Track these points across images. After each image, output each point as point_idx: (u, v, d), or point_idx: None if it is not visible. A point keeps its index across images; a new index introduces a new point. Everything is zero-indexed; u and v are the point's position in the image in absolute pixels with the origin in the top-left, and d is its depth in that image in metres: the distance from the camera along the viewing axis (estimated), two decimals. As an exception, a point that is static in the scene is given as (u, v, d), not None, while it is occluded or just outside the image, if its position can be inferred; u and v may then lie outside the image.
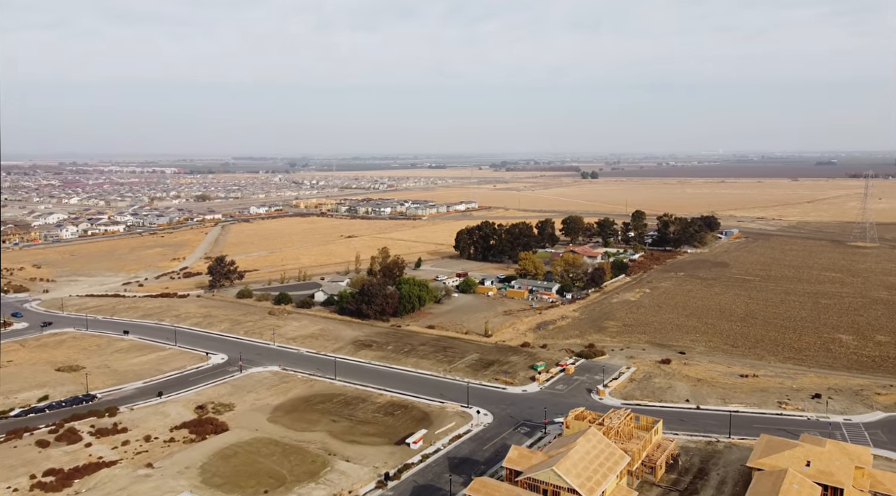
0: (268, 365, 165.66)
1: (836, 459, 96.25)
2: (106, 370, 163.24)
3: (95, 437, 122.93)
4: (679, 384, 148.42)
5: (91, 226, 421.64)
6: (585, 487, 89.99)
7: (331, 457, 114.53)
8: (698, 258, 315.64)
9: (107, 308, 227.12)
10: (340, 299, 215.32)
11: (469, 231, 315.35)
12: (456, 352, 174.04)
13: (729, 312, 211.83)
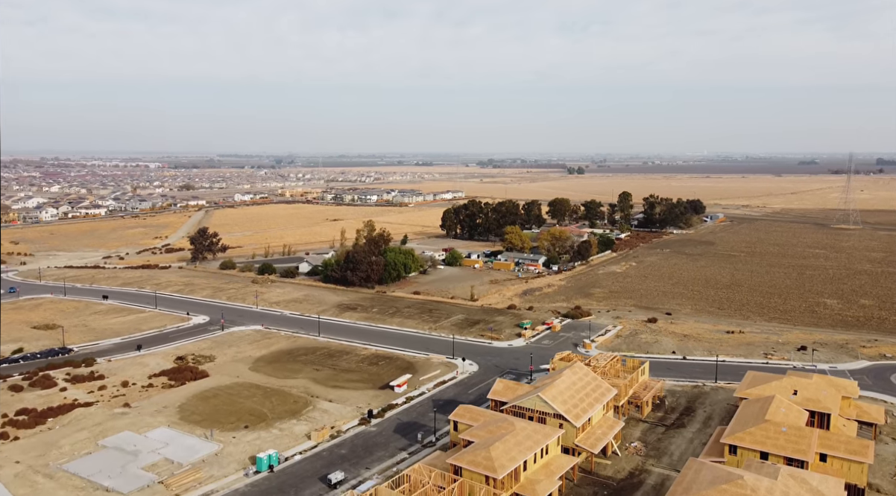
0: (250, 325, 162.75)
1: (823, 389, 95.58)
2: (83, 328, 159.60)
3: (70, 383, 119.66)
4: (665, 339, 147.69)
5: (72, 209, 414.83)
6: (571, 413, 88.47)
7: (313, 399, 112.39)
8: (684, 238, 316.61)
9: (86, 278, 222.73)
10: (325, 267, 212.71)
11: (455, 210, 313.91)
12: (441, 313, 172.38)
13: (715, 281, 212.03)
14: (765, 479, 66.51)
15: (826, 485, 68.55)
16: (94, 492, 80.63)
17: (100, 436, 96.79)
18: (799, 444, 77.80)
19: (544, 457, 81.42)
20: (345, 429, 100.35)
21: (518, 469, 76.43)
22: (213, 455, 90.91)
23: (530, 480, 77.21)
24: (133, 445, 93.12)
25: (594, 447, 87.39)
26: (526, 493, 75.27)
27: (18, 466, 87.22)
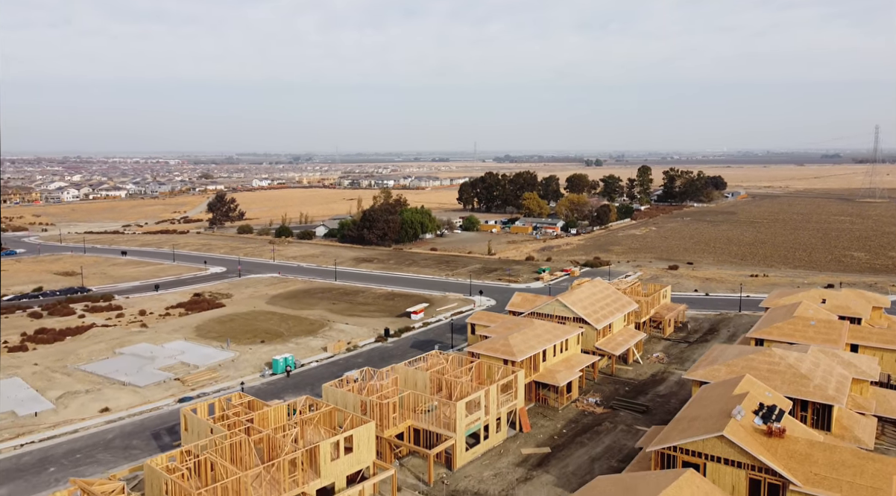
0: (267, 273, 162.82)
1: (853, 299, 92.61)
2: (102, 275, 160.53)
3: (89, 312, 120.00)
4: (688, 282, 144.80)
5: (92, 191, 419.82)
6: (592, 317, 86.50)
7: (329, 322, 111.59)
8: (705, 209, 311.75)
9: (105, 240, 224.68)
10: (342, 227, 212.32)
11: (472, 183, 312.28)
12: (458, 264, 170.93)
13: (738, 240, 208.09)
14: (794, 352, 64.18)
15: (859, 359, 66.01)
16: (111, 386, 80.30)
17: (117, 347, 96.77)
18: (829, 335, 74.96)
19: (564, 353, 79.55)
20: (361, 345, 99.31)
21: (537, 357, 74.68)
22: (230, 361, 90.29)
23: (549, 370, 75.40)
24: (150, 353, 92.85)
25: (615, 350, 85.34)
26: (545, 381, 73.50)
27: (37, 367, 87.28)
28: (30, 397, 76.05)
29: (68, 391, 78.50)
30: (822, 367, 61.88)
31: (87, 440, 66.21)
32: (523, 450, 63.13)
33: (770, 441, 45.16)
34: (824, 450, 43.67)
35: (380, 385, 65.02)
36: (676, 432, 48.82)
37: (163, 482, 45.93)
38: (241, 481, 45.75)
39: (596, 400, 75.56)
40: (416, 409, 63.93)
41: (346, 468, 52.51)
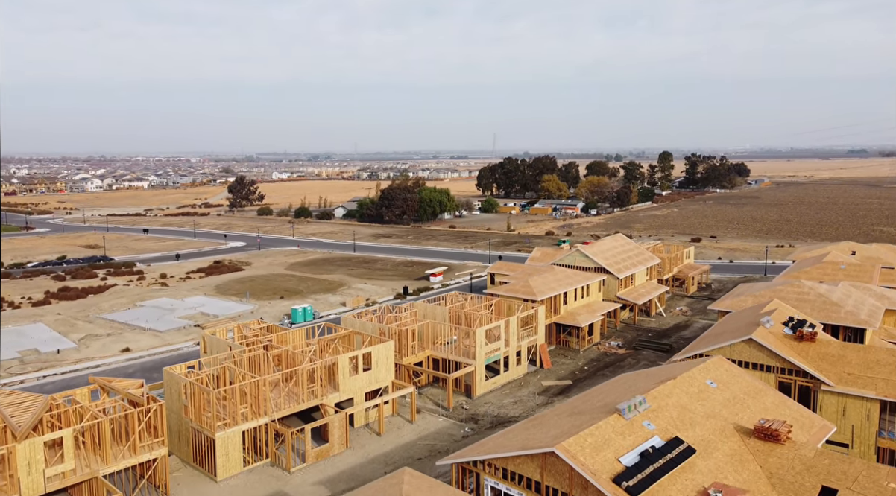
0: (286, 247, 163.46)
1: (884, 251, 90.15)
2: (125, 248, 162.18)
3: (111, 276, 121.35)
4: (711, 252, 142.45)
5: (116, 182, 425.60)
6: (613, 267, 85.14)
7: (348, 282, 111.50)
8: (727, 195, 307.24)
9: (128, 221, 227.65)
10: (360, 206, 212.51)
11: (491, 168, 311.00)
12: (478, 238, 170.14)
13: (762, 219, 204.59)
14: (824, 284, 62.38)
15: (892, 292, 63.94)
16: (132, 331, 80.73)
17: (138, 300, 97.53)
18: (860, 277, 72.96)
19: (585, 299, 78.32)
20: (380, 301, 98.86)
21: (557, 299, 73.59)
22: (249, 312, 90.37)
23: (570, 312, 74.28)
24: (170, 305, 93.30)
25: (637, 300, 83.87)
26: (566, 322, 72.39)
27: (59, 316, 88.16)
28: (52, 338, 76.72)
29: (90, 334, 79.12)
30: (853, 298, 60.02)
31: (108, 373, 66.42)
32: (544, 382, 62.14)
33: (801, 345, 43.69)
34: (858, 351, 42.13)
35: (399, 316, 64.50)
36: (702, 344, 47.53)
37: (181, 386, 45.73)
38: (258, 384, 45.40)
39: (618, 343, 74.30)
40: (436, 342, 63.27)
41: (364, 385, 51.95)
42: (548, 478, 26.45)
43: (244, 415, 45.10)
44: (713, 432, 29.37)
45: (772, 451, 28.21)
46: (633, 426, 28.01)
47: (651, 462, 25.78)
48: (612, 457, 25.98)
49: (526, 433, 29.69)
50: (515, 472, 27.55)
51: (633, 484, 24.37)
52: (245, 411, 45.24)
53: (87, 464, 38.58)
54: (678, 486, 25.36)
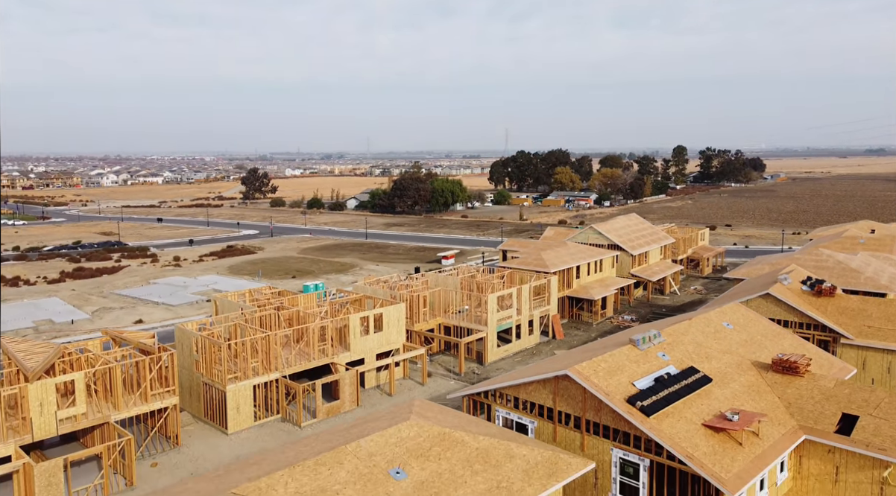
0: (298, 234, 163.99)
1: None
2: (139, 235, 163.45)
3: (125, 258, 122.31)
4: (726, 238, 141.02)
5: (131, 177, 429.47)
6: (627, 244, 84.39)
7: (359, 264, 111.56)
8: (743, 189, 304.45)
9: (142, 212, 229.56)
10: (372, 197, 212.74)
11: (504, 162, 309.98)
12: (490, 227, 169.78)
13: (778, 210, 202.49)
14: (843, 254, 61.34)
15: (912, 262, 62.78)
16: (145, 305, 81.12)
17: (151, 278, 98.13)
18: (879, 250, 71.73)
19: (598, 274, 77.65)
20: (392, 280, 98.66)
21: (570, 272, 72.98)
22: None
23: (583, 286, 73.65)
24: (183, 283, 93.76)
25: (651, 277, 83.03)
26: (578, 296, 71.78)
27: (73, 292, 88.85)
28: (67, 310, 77.25)
29: (103, 307, 79.63)
30: (873, 266, 58.97)
31: (120, 341, 66.82)
32: (556, 352, 61.60)
33: (819, 300, 42.87)
34: (878, 304, 41.25)
35: (410, 284, 64.24)
36: (717, 304, 46.79)
37: (192, 341, 45.72)
38: (269, 339, 45.30)
39: (632, 317, 73.57)
40: (447, 311, 62.94)
41: (375, 346, 51.70)
42: (560, 403, 26.01)
43: (255, 369, 45.01)
44: (729, 365, 28.77)
45: (790, 383, 27.57)
46: (647, 356, 27.50)
47: (666, 386, 25.26)
48: (626, 380, 25.49)
49: (538, 366, 29.28)
50: (528, 400, 27.14)
51: (648, 404, 23.87)
52: (256, 366, 45.16)
53: (99, 410, 38.63)
54: (694, 410, 24.83)
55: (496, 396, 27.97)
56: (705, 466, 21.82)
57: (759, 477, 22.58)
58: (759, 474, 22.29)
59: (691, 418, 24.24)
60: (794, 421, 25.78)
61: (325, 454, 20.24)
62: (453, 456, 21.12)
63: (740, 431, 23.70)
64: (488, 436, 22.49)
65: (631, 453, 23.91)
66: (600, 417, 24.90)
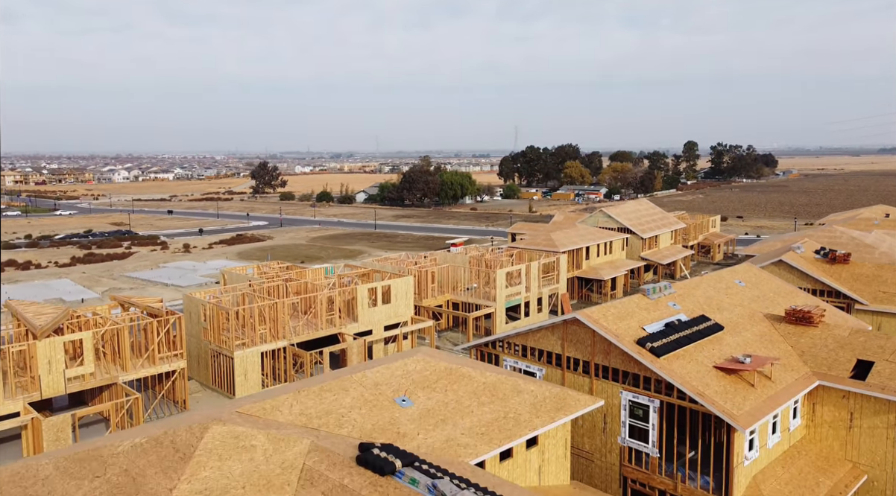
0: (307, 225, 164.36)
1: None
2: (149, 226, 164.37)
3: (135, 245, 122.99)
4: (738, 229, 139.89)
5: (142, 173, 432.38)
6: (637, 227, 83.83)
7: (368, 251, 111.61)
8: (754, 184, 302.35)
9: (153, 205, 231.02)
10: (381, 190, 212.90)
11: (513, 157, 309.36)
12: (499, 218, 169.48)
13: (790, 203, 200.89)
14: (857, 230, 60.55)
15: (928, 240, 61.81)
16: (154, 286, 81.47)
17: (161, 262, 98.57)
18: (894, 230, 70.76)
19: (608, 255, 77.14)
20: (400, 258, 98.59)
21: (580, 252, 72.54)
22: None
23: (592, 267, 73.18)
24: (192, 266, 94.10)
25: (661, 261, 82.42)
26: (588, 276, 71.31)
27: (84, 274, 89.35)
28: (77, 290, 77.68)
29: (113, 288, 80.00)
30: (887, 242, 58.05)
31: (129, 319, 67.07)
32: (565, 329, 61.23)
33: (833, 267, 42.28)
34: (893, 271, 40.59)
35: (418, 261, 64.06)
36: (730, 273, 46.24)
37: (200, 308, 45.74)
38: (276, 306, 45.21)
39: (641, 298, 72.95)
40: (456, 288, 62.70)
41: (383, 318, 51.52)
42: (569, 349, 25.69)
43: (262, 336, 44.95)
44: (742, 317, 28.34)
45: (804, 333, 27.09)
46: (657, 304, 27.12)
47: (677, 331, 24.87)
48: (635, 325, 25.13)
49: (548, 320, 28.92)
50: (535, 348, 26.84)
51: (658, 346, 23.51)
52: (264, 333, 45.10)
53: (107, 371, 38.69)
54: (705, 353, 24.44)
55: (503, 345, 27.72)
56: (716, 403, 21.43)
57: (772, 415, 22.17)
58: (772, 412, 21.87)
59: (702, 361, 23.86)
60: (807, 368, 25.32)
61: (330, 381, 20.06)
62: (460, 388, 20.87)
63: (752, 373, 23.29)
64: (496, 373, 22.23)
65: (640, 395, 23.56)
66: (609, 360, 24.56)
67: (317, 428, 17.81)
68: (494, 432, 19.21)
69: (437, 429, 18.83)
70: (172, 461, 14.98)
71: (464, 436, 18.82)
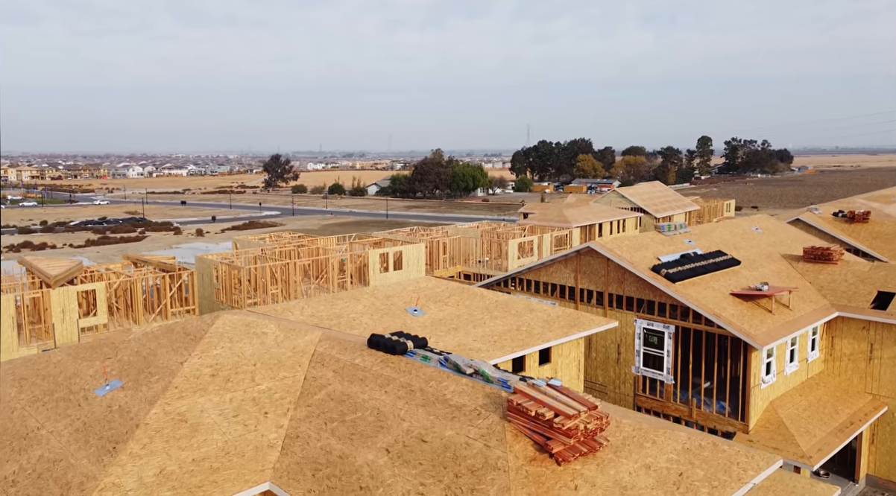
0: (319, 214, 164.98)
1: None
2: (163, 215, 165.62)
3: (148, 231, 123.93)
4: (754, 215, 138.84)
5: (156, 169, 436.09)
6: (651, 207, 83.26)
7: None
8: (769, 179, 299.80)
9: (166, 196, 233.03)
10: (393, 182, 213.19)
11: (525, 152, 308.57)
12: (511, 209, 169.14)
13: (806, 196, 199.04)
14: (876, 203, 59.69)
15: (948, 212, 60.79)
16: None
17: (174, 244, 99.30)
18: (913, 207, 69.66)
19: (622, 233, 76.57)
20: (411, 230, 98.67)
21: (592, 228, 72.05)
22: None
23: (606, 244, 72.66)
24: (205, 247, 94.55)
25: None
26: (601, 252, 70.78)
27: (98, 254, 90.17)
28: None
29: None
30: (906, 213, 57.22)
31: (143, 292, 67.48)
32: (578, 301, 60.82)
33: (851, 226, 41.58)
34: (915, 228, 39.84)
35: (430, 232, 63.94)
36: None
37: (212, 269, 45.82)
38: (288, 267, 45.20)
39: (655, 275, 72.39)
40: (467, 261, 62.44)
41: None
42: (582, 281, 25.40)
43: (274, 296, 44.94)
44: (759, 255, 27.92)
45: (822, 270, 26.62)
46: (673, 240, 26.77)
47: (693, 261, 24.51)
48: (650, 255, 24.81)
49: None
50: (548, 282, 26.59)
51: (673, 272, 23.16)
52: (275, 294, 45.08)
53: (120, 324, 38.85)
54: (722, 283, 24.06)
55: (515, 282, 27.49)
56: (733, 323, 21.06)
57: (790, 337, 21.75)
58: (790, 334, 21.46)
59: (719, 289, 23.48)
60: (826, 301, 24.85)
61: (342, 293, 19.94)
62: (472, 304, 20.66)
63: (770, 301, 22.87)
64: (508, 296, 21.99)
65: (655, 322, 23.23)
66: (623, 289, 24.24)
67: (328, 327, 17.68)
68: (507, 341, 18.99)
69: (448, 336, 18.64)
70: (183, 343, 14.90)
71: (476, 342, 18.61)
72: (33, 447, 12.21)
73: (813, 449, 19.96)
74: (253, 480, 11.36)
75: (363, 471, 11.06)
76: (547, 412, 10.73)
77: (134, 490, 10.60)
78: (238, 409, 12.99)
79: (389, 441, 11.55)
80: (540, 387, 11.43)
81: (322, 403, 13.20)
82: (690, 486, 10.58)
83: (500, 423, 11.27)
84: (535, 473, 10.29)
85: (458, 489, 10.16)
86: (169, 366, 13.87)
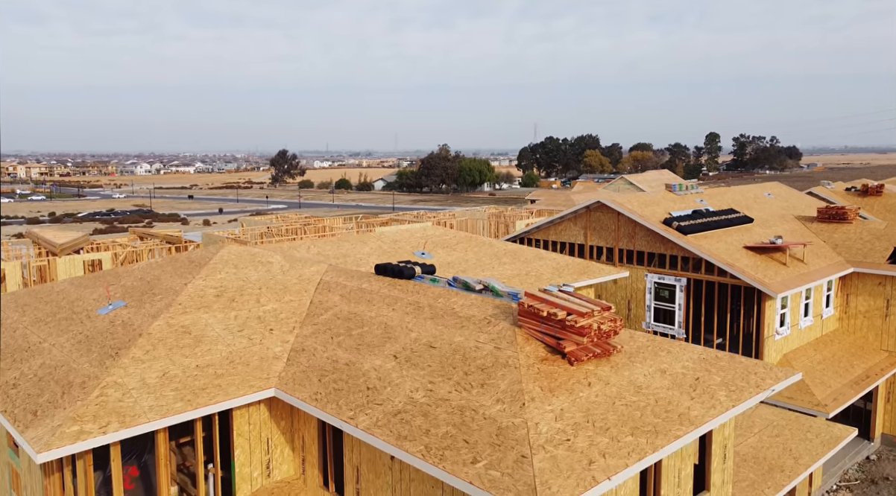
0: (325, 208, 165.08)
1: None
2: (170, 208, 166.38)
3: (156, 222, 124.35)
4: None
5: (164, 166, 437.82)
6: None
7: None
8: (778, 175, 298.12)
9: (173, 192, 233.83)
10: (400, 176, 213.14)
11: (532, 148, 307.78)
12: (519, 202, 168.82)
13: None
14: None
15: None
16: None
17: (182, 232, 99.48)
18: (925, 191, 68.91)
19: (629, 219, 76.27)
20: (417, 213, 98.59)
21: (601, 213, 71.73)
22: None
23: (614, 229, 72.28)
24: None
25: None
26: (609, 237, 70.41)
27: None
28: (98, 251, 78.49)
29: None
30: (919, 194, 56.54)
31: (150, 275, 67.60)
32: (586, 283, 60.45)
33: (864, 199, 41.05)
34: (929, 200, 39.28)
35: (436, 214, 63.74)
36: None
37: (219, 243, 45.74)
38: (294, 241, 45.04)
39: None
40: (474, 243, 62.32)
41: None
42: (592, 238, 25.06)
43: (280, 272, 44.88)
44: (771, 215, 27.51)
45: (837, 229, 26.18)
46: (685, 199, 26.40)
47: (704, 217, 24.14)
48: (661, 210, 24.45)
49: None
50: (557, 241, 26.25)
51: (685, 225, 22.79)
52: (281, 269, 45.02)
53: (126, 296, 38.85)
54: (734, 237, 23.67)
55: (524, 242, 27.18)
56: (747, 272, 20.68)
57: (804, 288, 21.34)
58: (805, 285, 21.06)
59: (731, 242, 23.11)
60: (841, 258, 24.42)
61: (348, 236, 19.70)
62: (480, 250, 20.37)
63: (784, 254, 22.48)
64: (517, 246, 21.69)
65: (667, 275, 22.87)
66: (634, 244, 23.90)
67: (334, 265, 17.44)
68: (515, 284, 18.68)
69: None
70: (188, 268, 14.67)
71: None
72: (34, 357, 12.01)
73: (829, 398, 19.56)
74: (258, 386, 11.12)
75: (370, 374, 10.79)
76: (559, 312, 10.42)
77: (136, 389, 10.38)
78: (243, 326, 12.76)
79: (397, 348, 11.28)
80: (552, 292, 11.12)
81: (328, 322, 12.94)
82: (707, 389, 10.26)
83: (510, 329, 10.97)
84: (547, 371, 9.99)
85: (467, 384, 9.86)
86: (173, 288, 13.65)
